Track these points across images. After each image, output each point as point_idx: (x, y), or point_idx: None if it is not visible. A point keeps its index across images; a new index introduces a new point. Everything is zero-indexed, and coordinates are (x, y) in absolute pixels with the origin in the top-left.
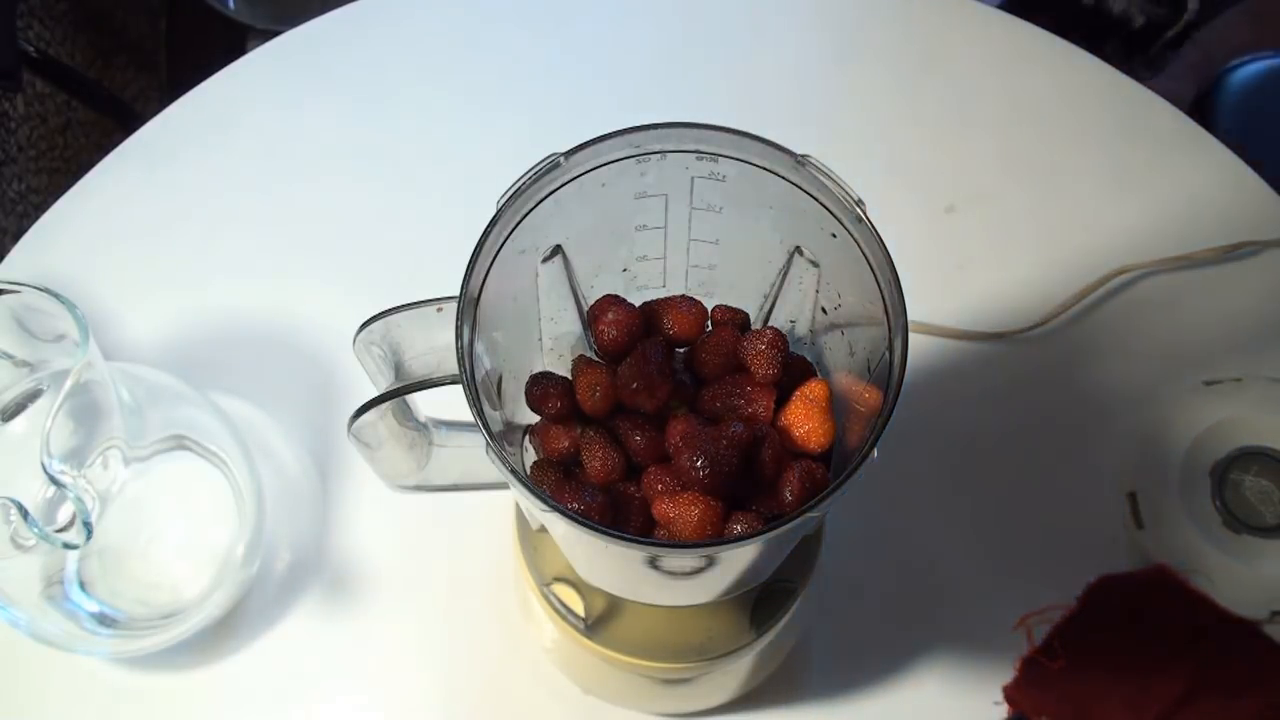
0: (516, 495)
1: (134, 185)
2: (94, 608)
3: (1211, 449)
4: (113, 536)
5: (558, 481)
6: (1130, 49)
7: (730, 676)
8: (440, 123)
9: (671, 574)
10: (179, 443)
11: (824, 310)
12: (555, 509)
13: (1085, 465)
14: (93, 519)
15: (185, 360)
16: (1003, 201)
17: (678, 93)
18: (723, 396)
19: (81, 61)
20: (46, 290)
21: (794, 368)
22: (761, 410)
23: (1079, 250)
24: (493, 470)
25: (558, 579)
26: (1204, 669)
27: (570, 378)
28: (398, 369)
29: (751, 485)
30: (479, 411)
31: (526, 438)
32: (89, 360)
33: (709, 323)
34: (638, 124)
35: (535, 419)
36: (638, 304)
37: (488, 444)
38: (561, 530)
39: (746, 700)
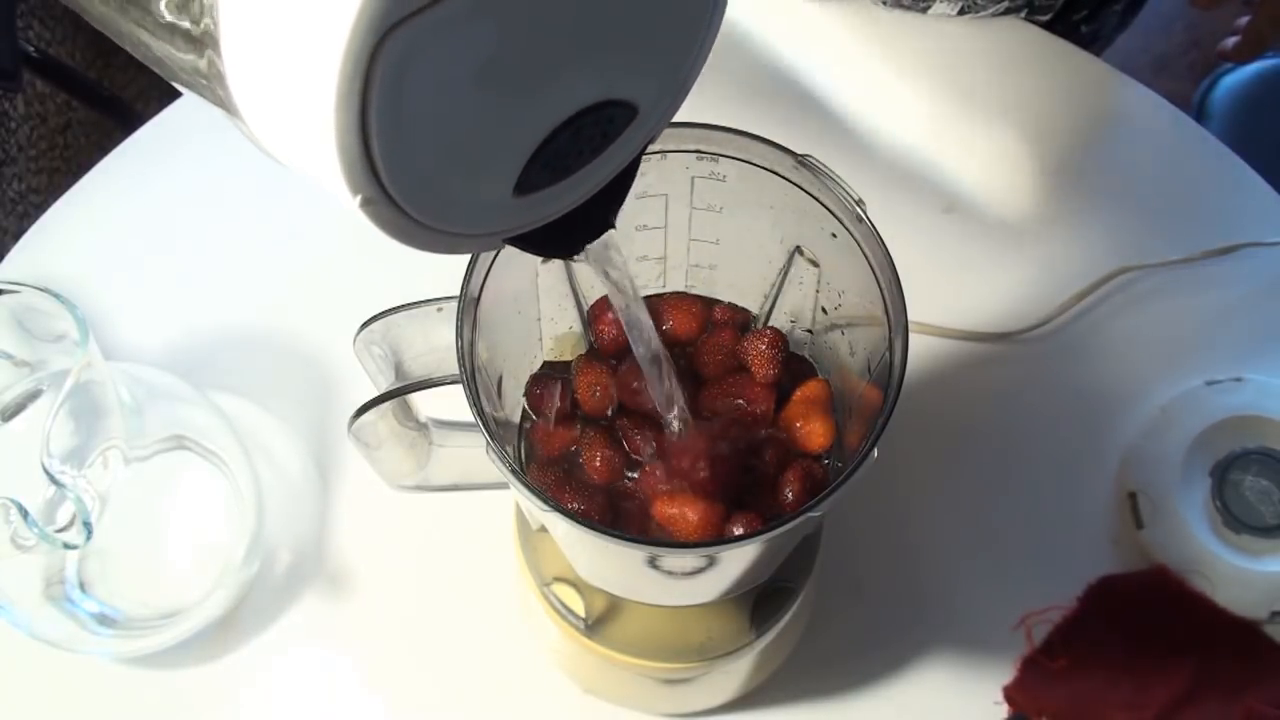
0: (516, 495)
1: (134, 185)
2: (94, 608)
3: (1211, 449)
4: (113, 536)
5: (558, 481)
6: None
7: (730, 676)
8: None
9: (671, 574)
10: (179, 443)
11: (824, 310)
12: (555, 509)
13: (1085, 465)
14: (93, 519)
15: (185, 360)
16: (1003, 201)
17: None
18: (723, 396)
19: (81, 61)
20: (46, 290)
21: (794, 368)
22: (761, 410)
23: (1079, 250)
24: (493, 470)
25: (558, 579)
26: (1204, 669)
27: (570, 378)
28: (398, 369)
29: (751, 485)
30: (479, 411)
31: (526, 438)
32: (89, 360)
33: (709, 323)
34: None
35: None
36: None
37: (488, 444)
38: (561, 530)
39: (746, 700)
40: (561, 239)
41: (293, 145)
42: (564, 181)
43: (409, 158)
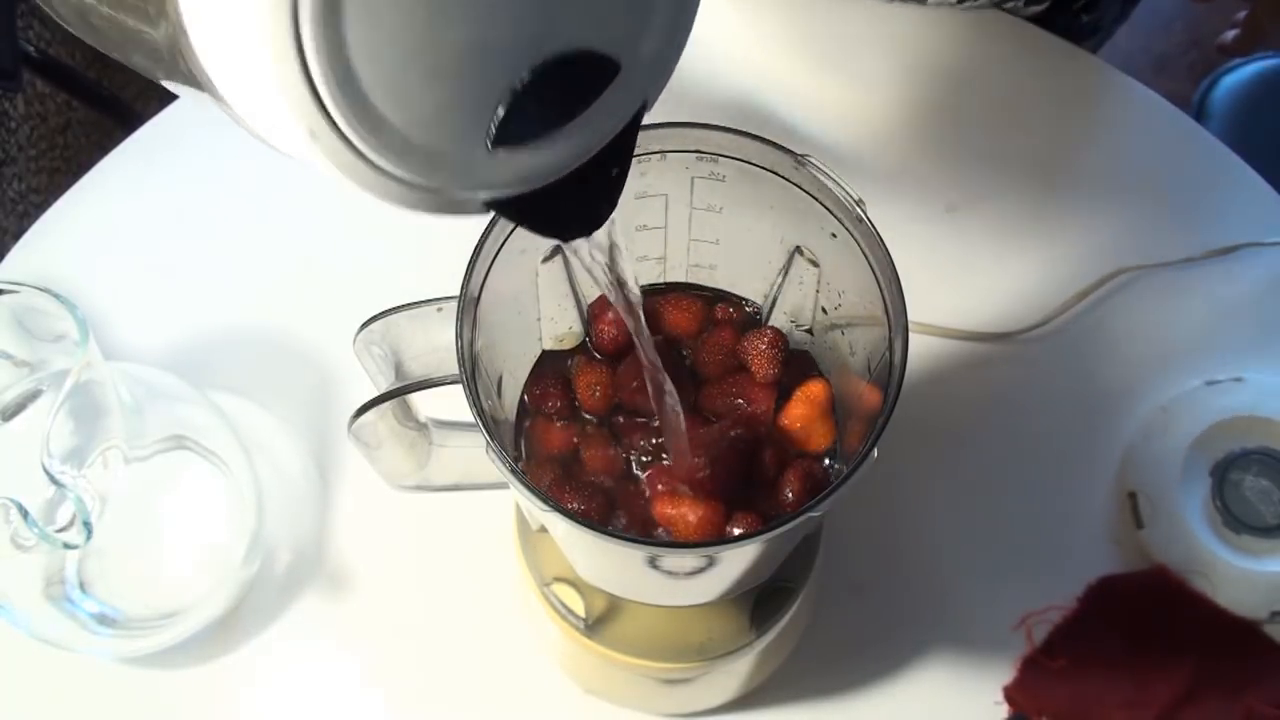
0: (516, 495)
1: (134, 185)
2: (94, 608)
3: (1211, 449)
4: (113, 536)
5: (557, 481)
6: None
7: (730, 676)
8: None
9: (671, 574)
10: (179, 443)
11: (824, 310)
12: (555, 509)
13: (1085, 465)
14: (93, 519)
15: (185, 360)
16: (1003, 201)
17: (678, 93)
18: (723, 396)
19: (81, 61)
20: (46, 290)
21: (794, 368)
22: (761, 410)
23: (1079, 250)
24: (493, 470)
25: (558, 579)
26: (1204, 669)
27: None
28: (398, 369)
29: (752, 485)
30: (479, 411)
31: (526, 437)
32: (89, 360)
33: (709, 321)
34: None
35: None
36: None
37: (488, 444)
38: (561, 530)
39: (746, 700)
40: (555, 214)
41: (242, 89)
42: (544, 139)
43: (352, 82)
